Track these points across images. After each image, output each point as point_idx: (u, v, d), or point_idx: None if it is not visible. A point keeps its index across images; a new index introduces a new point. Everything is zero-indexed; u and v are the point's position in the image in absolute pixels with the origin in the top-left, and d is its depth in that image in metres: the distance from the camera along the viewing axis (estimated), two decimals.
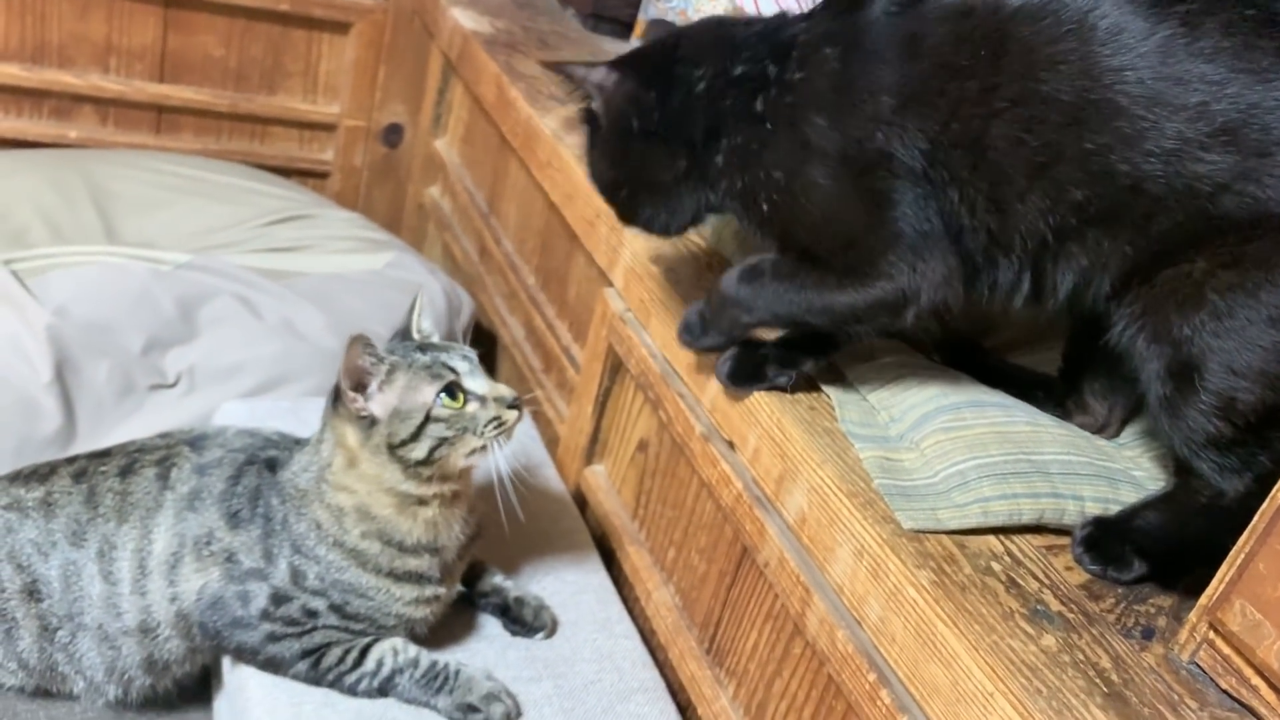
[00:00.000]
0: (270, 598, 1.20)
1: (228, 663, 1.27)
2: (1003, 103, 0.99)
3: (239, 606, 1.20)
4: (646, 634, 1.41)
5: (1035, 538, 1.10)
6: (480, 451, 1.17)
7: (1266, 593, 0.88)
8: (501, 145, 1.93)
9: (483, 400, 1.17)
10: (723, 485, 1.26)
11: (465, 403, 1.16)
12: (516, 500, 1.18)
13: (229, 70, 2.18)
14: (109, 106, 2.13)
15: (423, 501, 1.19)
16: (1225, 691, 0.94)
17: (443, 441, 1.15)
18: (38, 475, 1.31)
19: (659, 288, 1.38)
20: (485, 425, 1.16)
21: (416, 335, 1.24)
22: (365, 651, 1.21)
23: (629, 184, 1.19)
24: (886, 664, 1.02)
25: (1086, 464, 1.15)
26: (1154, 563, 1.07)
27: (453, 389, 1.15)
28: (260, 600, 1.20)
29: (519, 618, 1.32)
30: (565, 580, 1.41)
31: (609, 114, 1.16)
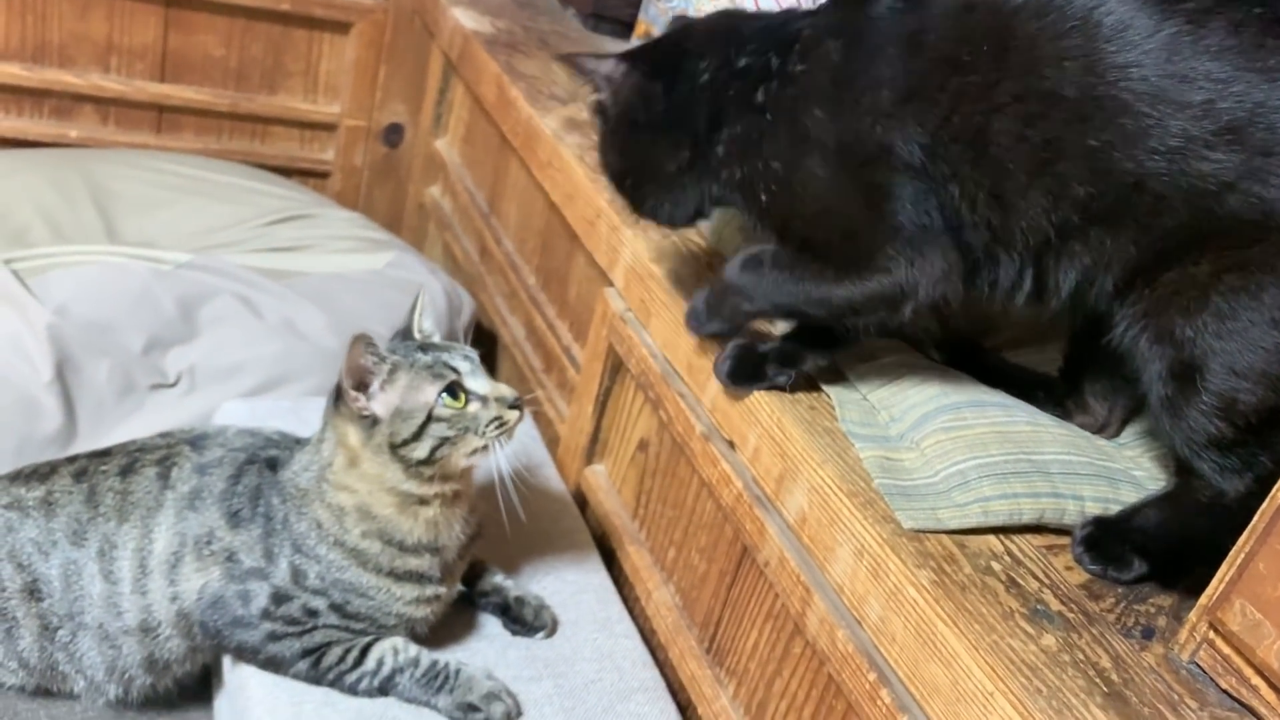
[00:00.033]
0: (271, 597, 1.20)
1: (228, 662, 1.27)
2: (1005, 98, 0.98)
3: (239, 606, 1.20)
4: (647, 633, 1.41)
5: (1035, 537, 1.10)
6: (482, 451, 1.17)
7: (1266, 592, 0.88)
8: (502, 145, 1.94)
9: (484, 400, 1.17)
10: (723, 485, 1.26)
11: (467, 403, 1.16)
12: (517, 500, 1.18)
13: (230, 70, 2.18)
14: (110, 106, 2.13)
15: (424, 501, 1.19)
16: (1225, 691, 0.94)
17: (444, 441, 1.15)
18: (38, 474, 1.31)
19: (659, 287, 1.38)
20: (487, 425, 1.16)
21: (418, 335, 1.24)
22: (366, 651, 1.21)
23: (635, 174, 1.20)
24: (887, 663, 1.02)
25: (1087, 464, 1.15)
26: (1154, 563, 1.07)
27: (454, 389, 1.15)
28: (261, 599, 1.20)
29: (519, 617, 1.32)
30: (565, 580, 1.41)
31: (617, 105, 1.17)
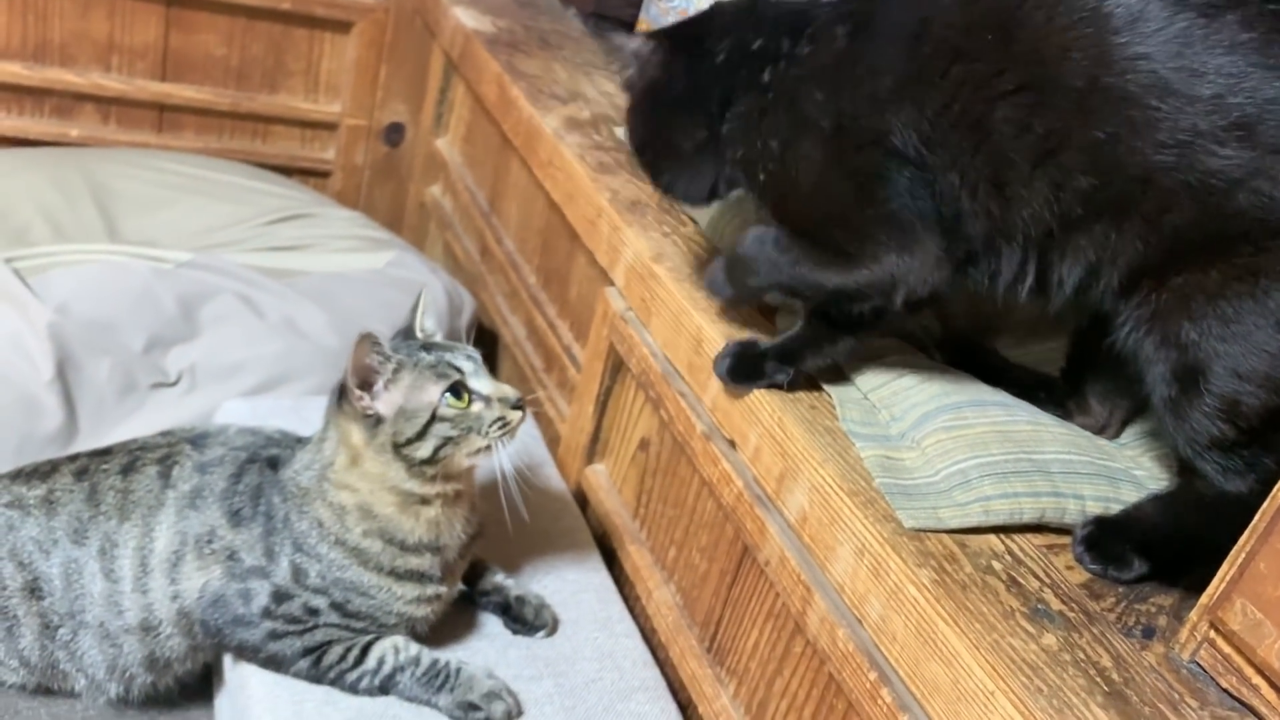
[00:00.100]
0: (272, 595, 1.20)
1: (229, 660, 1.27)
2: (1008, 87, 0.98)
3: (240, 604, 1.20)
4: (647, 633, 1.41)
5: (1036, 537, 1.10)
6: (484, 451, 1.17)
7: (1267, 592, 0.88)
8: (503, 144, 1.94)
9: (487, 400, 1.17)
10: (724, 484, 1.26)
11: (470, 403, 1.16)
12: (520, 499, 1.18)
13: (230, 69, 2.18)
14: (110, 105, 2.13)
15: (425, 500, 1.19)
16: (1226, 690, 0.94)
17: (448, 441, 1.15)
18: (39, 473, 1.31)
19: (660, 287, 1.38)
20: (490, 425, 1.16)
21: (420, 334, 1.24)
22: (366, 649, 1.21)
23: (655, 149, 1.23)
24: (887, 663, 1.02)
25: (1088, 463, 1.15)
26: (1154, 562, 1.07)
27: (458, 389, 1.15)
28: (262, 598, 1.20)
29: (520, 616, 1.32)
30: (566, 579, 1.41)
31: (642, 80, 1.21)
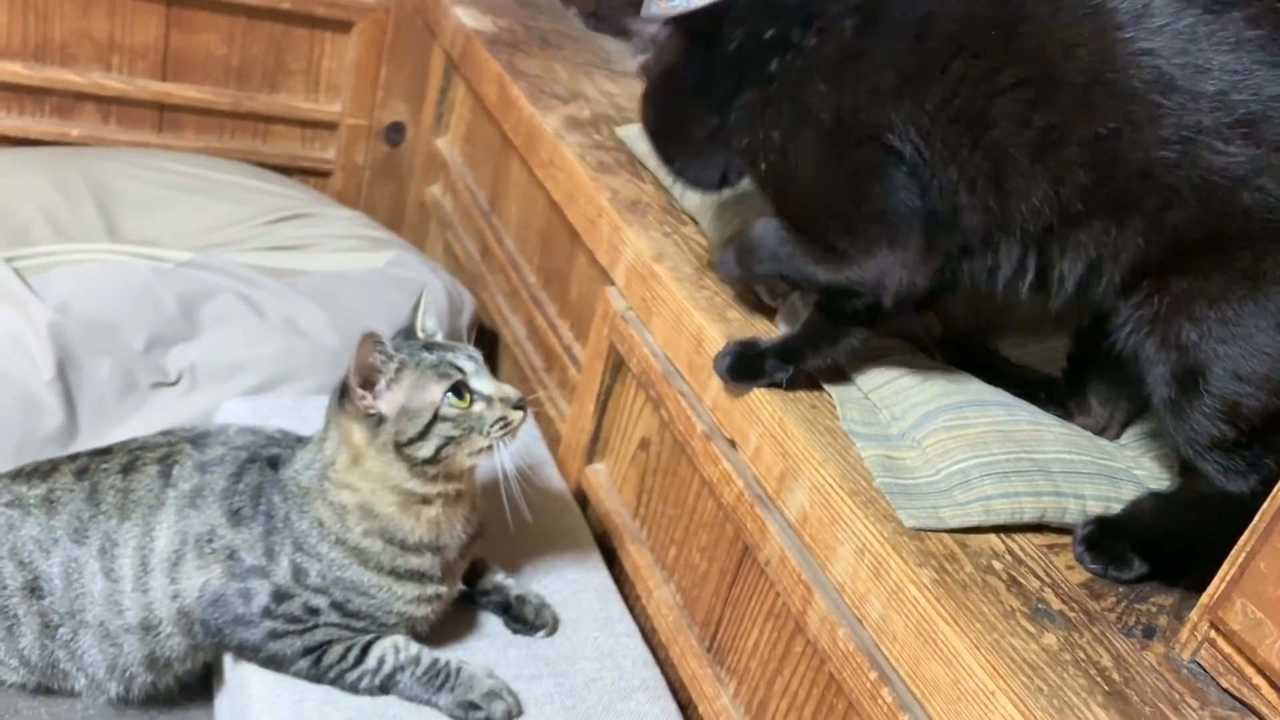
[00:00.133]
0: (272, 595, 1.20)
1: (229, 660, 1.27)
2: (1009, 81, 0.98)
3: (240, 604, 1.20)
4: (647, 632, 1.41)
5: (1037, 536, 1.10)
6: (486, 451, 1.17)
7: (1268, 591, 0.88)
8: (503, 144, 1.93)
9: (489, 400, 1.17)
10: (724, 484, 1.26)
11: (472, 402, 1.16)
12: (522, 499, 1.18)
13: (231, 69, 2.18)
14: (111, 105, 2.13)
15: (426, 500, 1.19)
16: (1226, 690, 0.94)
17: (450, 441, 1.15)
18: (39, 472, 1.31)
19: (661, 286, 1.38)
20: (492, 425, 1.16)
21: (421, 334, 1.24)
22: (366, 649, 1.21)
23: (668, 134, 1.24)
24: (888, 662, 1.02)
25: (1088, 463, 1.15)
26: (1155, 562, 1.07)
27: (459, 389, 1.15)
28: (262, 598, 1.20)
29: (520, 616, 1.32)
30: (566, 578, 1.41)
31: (659, 65, 1.22)
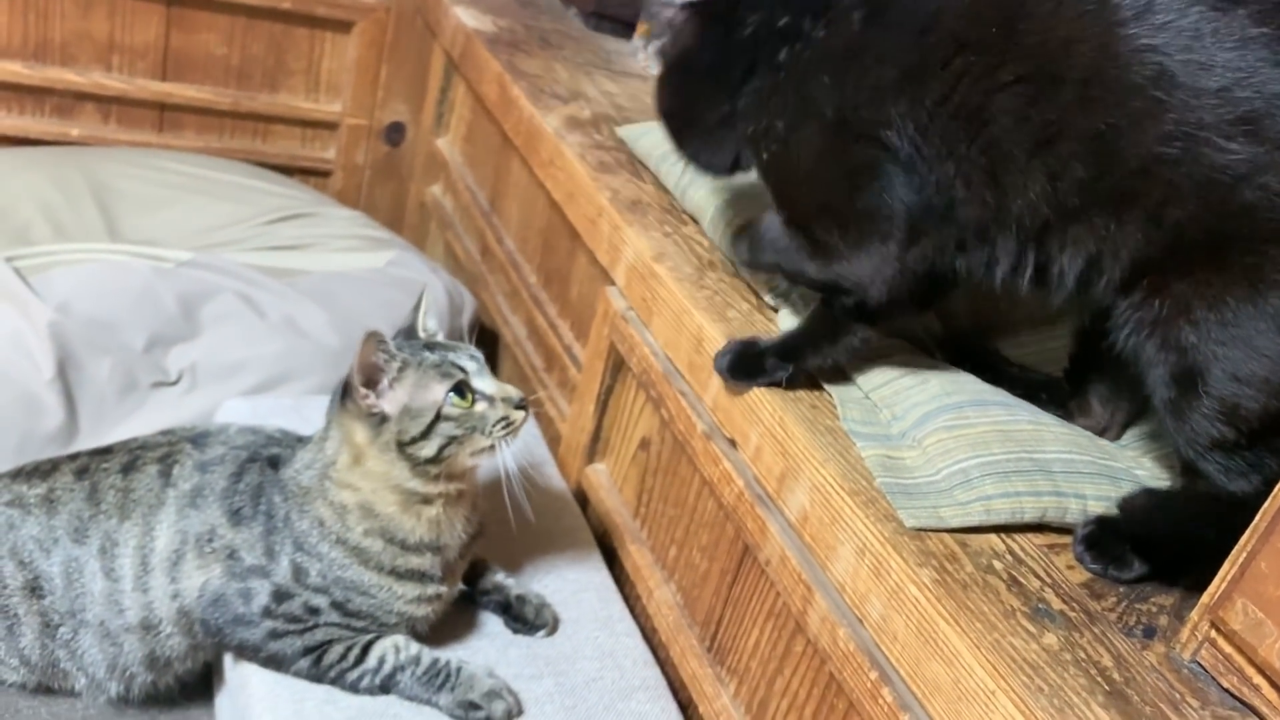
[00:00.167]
0: (272, 595, 1.20)
1: (229, 659, 1.27)
2: (1008, 77, 0.98)
3: (241, 603, 1.20)
4: (648, 632, 1.41)
5: (1037, 536, 1.10)
6: (487, 451, 1.17)
7: (1268, 591, 0.88)
8: (503, 144, 1.93)
9: (491, 400, 1.17)
10: (724, 483, 1.26)
11: (474, 402, 1.16)
12: (524, 499, 1.18)
13: (231, 68, 2.18)
14: (111, 104, 2.13)
15: (427, 500, 1.19)
16: (1227, 690, 0.94)
17: (452, 440, 1.15)
18: (40, 472, 1.31)
19: (661, 286, 1.38)
20: (493, 425, 1.16)
21: (422, 334, 1.24)
22: (367, 649, 1.21)
23: (681, 117, 1.24)
24: (888, 662, 1.02)
25: (1089, 462, 1.15)
26: (1155, 562, 1.07)
27: (461, 388, 1.15)
28: (262, 597, 1.20)
29: (520, 615, 1.32)
30: (567, 578, 1.41)
31: (675, 48, 1.22)
